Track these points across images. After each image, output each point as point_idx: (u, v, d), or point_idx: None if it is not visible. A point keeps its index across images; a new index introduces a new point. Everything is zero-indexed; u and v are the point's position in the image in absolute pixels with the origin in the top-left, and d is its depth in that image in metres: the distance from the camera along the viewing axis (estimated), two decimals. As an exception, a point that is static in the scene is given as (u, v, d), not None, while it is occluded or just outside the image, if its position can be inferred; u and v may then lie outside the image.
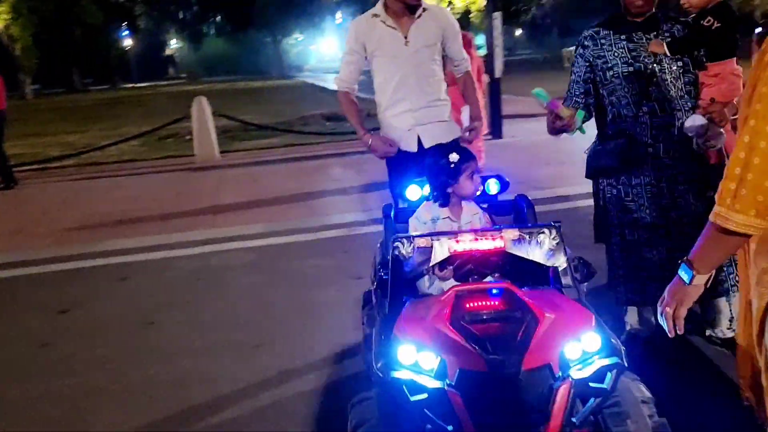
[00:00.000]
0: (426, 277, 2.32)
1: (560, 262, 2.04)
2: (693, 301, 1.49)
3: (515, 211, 2.71)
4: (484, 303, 1.94)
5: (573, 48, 2.96)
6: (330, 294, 3.99)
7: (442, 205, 2.50)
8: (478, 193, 2.57)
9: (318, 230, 5.46)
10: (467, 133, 3.33)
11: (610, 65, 2.66)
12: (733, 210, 1.30)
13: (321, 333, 3.43)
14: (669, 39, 2.60)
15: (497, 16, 9.48)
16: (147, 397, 2.92)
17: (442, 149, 2.56)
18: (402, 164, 3.21)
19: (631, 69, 2.61)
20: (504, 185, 2.70)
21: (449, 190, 2.48)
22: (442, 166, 2.45)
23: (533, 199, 2.65)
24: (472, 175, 2.44)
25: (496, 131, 10.13)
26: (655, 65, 2.59)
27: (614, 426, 1.76)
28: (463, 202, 2.49)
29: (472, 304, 1.93)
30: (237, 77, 47.30)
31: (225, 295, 4.14)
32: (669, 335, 1.53)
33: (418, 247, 2.04)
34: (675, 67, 2.58)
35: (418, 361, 1.73)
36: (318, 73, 51.72)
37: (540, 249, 2.04)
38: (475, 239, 2.04)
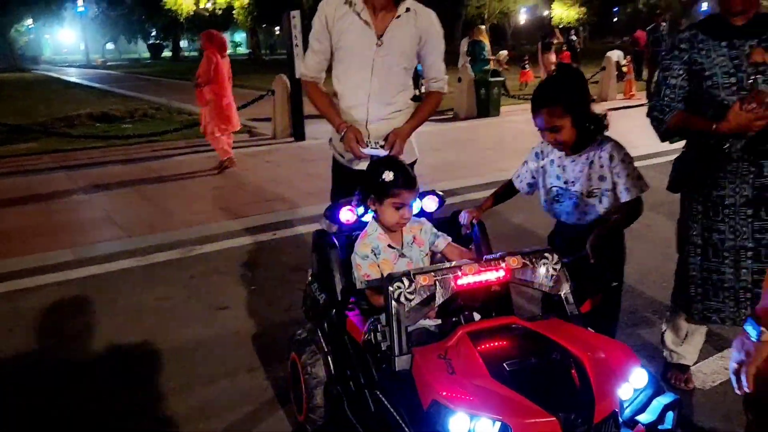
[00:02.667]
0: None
1: (565, 289, 1.88)
2: (762, 358, 1.41)
3: (452, 229, 2.52)
4: (501, 344, 1.70)
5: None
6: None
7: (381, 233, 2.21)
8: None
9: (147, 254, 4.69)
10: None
11: (708, 74, 2.36)
12: None
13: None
14: None
15: (296, 14, 9.18)
16: None
17: (385, 161, 2.25)
18: (349, 182, 2.70)
19: (732, 80, 2.31)
20: (440, 202, 2.49)
21: (372, 207, 2.20)
22: (373, 178, 2.16)
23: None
24: (400, 206, 2.16)
25: (298, 133, 9.88)
26: (758, 76, 2.28)
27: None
28: None
29: (487, 346, 1.68)
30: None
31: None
32: (737, 392, 1.45)
33: (420, 288, 1.72)
34: None
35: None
36: (59, 67, 46.23)
37: (545, 276, 1.86)
38: (479, 271, 1.79)
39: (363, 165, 2.68)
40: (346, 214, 2.38)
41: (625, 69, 15.43)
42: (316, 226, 5.22)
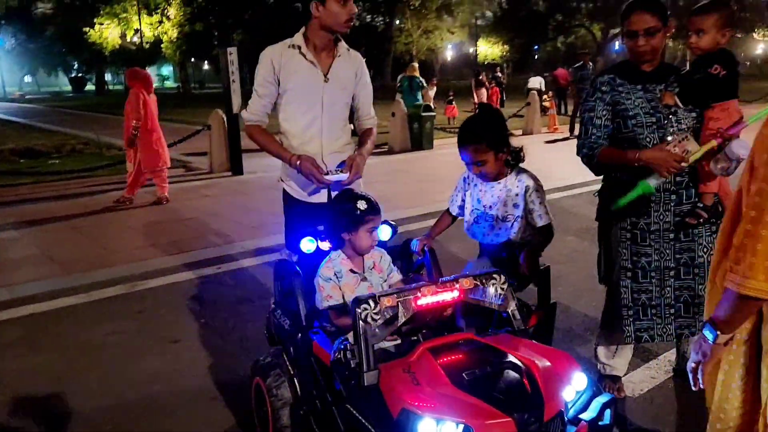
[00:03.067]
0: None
1: (511, 306, 2.09)
2: (717, 357, 1.64)
3: (402, 257, 2.72)
4: (459, 357, 1.89)
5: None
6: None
7: (344, 258, 2.39)
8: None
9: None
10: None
11: (631, 114, 2.63)
12: (745, 277, 1.46)
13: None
14: (678, 90, 2.64)
15: (233, 51, 9.31)
16: None
17: (352, 194, 2.43)
18: (305, 215, 2.88)
19: (653, 119, 2.61)
20: (394, 231, 2.68)
21: (346, 237, 2.38)
22: (347, 211, 2.34)
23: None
24: (373, 230, 2.37)
25: (236, 167, 9.93)
26: (671, 116, 2.61)
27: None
28: None
29: (446, 359, 1.87)
30: None
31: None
32: (693, 388, 1.69)
33: (385, 309, 1.89)
34: (685, 116, 2.61)
35: (438, 434, 1.61)
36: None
37: (494, 295, 2.07)
38: (435, 292, 1.98)
39: (319, 197, 2.85)
40: (306, 245, 2.54)
41: (547, 104, 16.30)
42: (259, 259, 5.36)
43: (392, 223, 2.68)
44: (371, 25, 58.61)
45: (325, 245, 2.56)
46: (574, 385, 1.82)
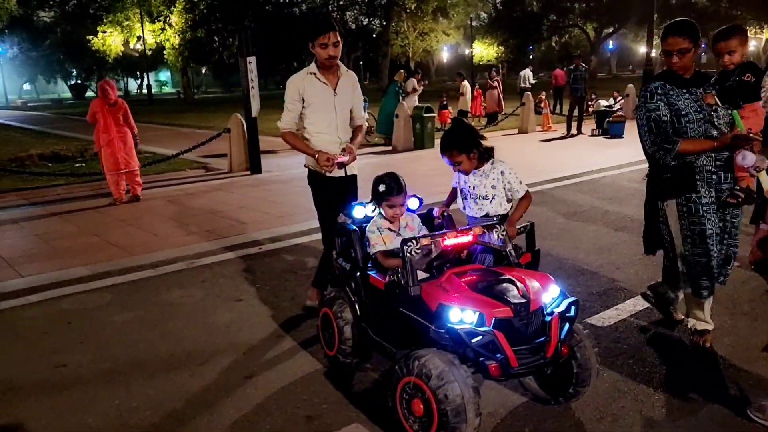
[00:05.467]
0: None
1: (508, 247, 3.00)
2: None
3: (427, 221, 3.64)
4: (474, 277, 2.79)
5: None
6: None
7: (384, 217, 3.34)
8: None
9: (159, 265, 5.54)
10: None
11: (684, 112, 3.28)
12: None
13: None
14: (715, 92, 3.31)
15: (252, 60, 10.20)
16: None
17: (380, 177, 3.36)
18: (325, 185, 4.03)
19: (701, 115, 3.27)
20: (420, 202, 3.59)
21: (380, 207, 3.32)
22: (374, 190, 3.31)
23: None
24: (393, 206, 3.30)
25: (255, 167, 10.82)
26: (713, 113, 3.29)
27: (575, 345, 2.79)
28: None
29: (465, 279, 2.77)
30: None
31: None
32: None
33: (422, 246, 2.80)
34: (724, 113, 3.29)
35: (462, 318, 2.52)
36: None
37: (496, 239, 2.98)
38: (456, 236, 2.89)
39: (336, 173, 3.97)
40: (358, 212, 3.48)
41: (542, 105, 17.15)
42: (292, 242, 6.26)
43: (419, 196, 3.59)
44: (368, 28, 59.43)
45: (370, 211, 3.50)
46: (551, 293, 2.73)
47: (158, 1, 37.88)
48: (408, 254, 2.76)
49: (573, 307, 2.70)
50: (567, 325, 2.67)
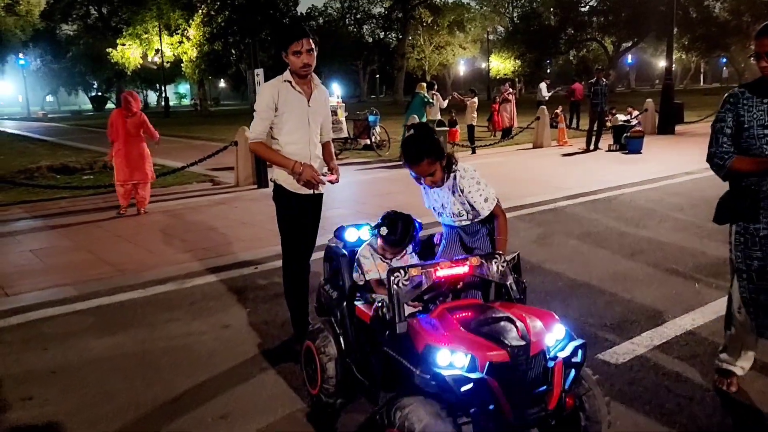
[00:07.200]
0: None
1: (510, 279, 2.68)
2: None
3: (426, 247, 3.34)
4: (468, 314, 2.48)
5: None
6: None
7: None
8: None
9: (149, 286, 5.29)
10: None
11: (746, 126, 2.87)
12: None
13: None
14: None
15: (260, 72, 10.02)
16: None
17: (391, 217, 3.08)
18: (296, 203, 3.77)
19: (765, 131, 2.83)
20: (419, 227, 3.29)
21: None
22: (379, 228, 3.03)
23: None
24: (386, 251, 3.05)
25: (261, 181, 10.59)
26: None
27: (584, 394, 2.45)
28: None
29: (459, 315, 2.46)
30: None
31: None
32: None
33: (411, 277, 2.50)
34: None
35: (452, 362, 2.20)
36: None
37: (495, 271, 2.66)
38: (450, 266, 2.58)
39: (305, 191, 3.75)
40: (350, 234, 3.19)
41: (557, 119, 16.82)
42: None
43: (419, 221, 3.28)
44: (384, 41, 59.47)
45: (364, 234, 3.20)
46: (555, 334, 2.40)
47: (177, 15, 38.23)
48: (395, 286, 2.46)
49: (580, 351, 2.37)
50: (573, 372, 2.35)
